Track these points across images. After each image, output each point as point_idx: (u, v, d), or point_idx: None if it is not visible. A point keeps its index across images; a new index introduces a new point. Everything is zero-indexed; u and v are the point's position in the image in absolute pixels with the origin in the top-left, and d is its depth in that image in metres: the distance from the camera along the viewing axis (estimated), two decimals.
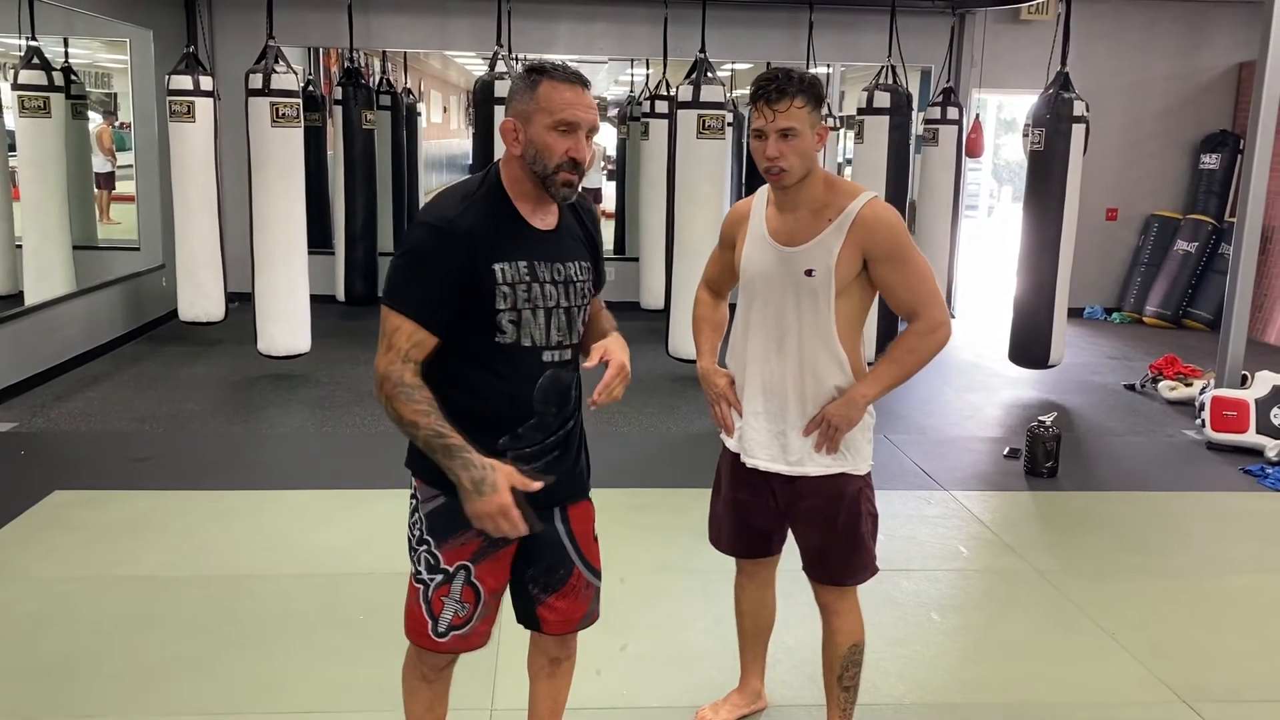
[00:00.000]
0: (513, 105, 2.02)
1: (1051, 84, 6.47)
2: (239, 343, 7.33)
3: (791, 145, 2.32)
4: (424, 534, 2.10)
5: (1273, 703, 3.06)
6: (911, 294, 2.39)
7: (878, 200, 2.42)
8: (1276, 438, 5.36)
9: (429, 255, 1.97)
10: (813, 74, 2.43)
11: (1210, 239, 9.16)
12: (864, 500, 2.50)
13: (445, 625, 2.12)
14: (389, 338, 1.97)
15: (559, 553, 2.19)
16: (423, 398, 1.93)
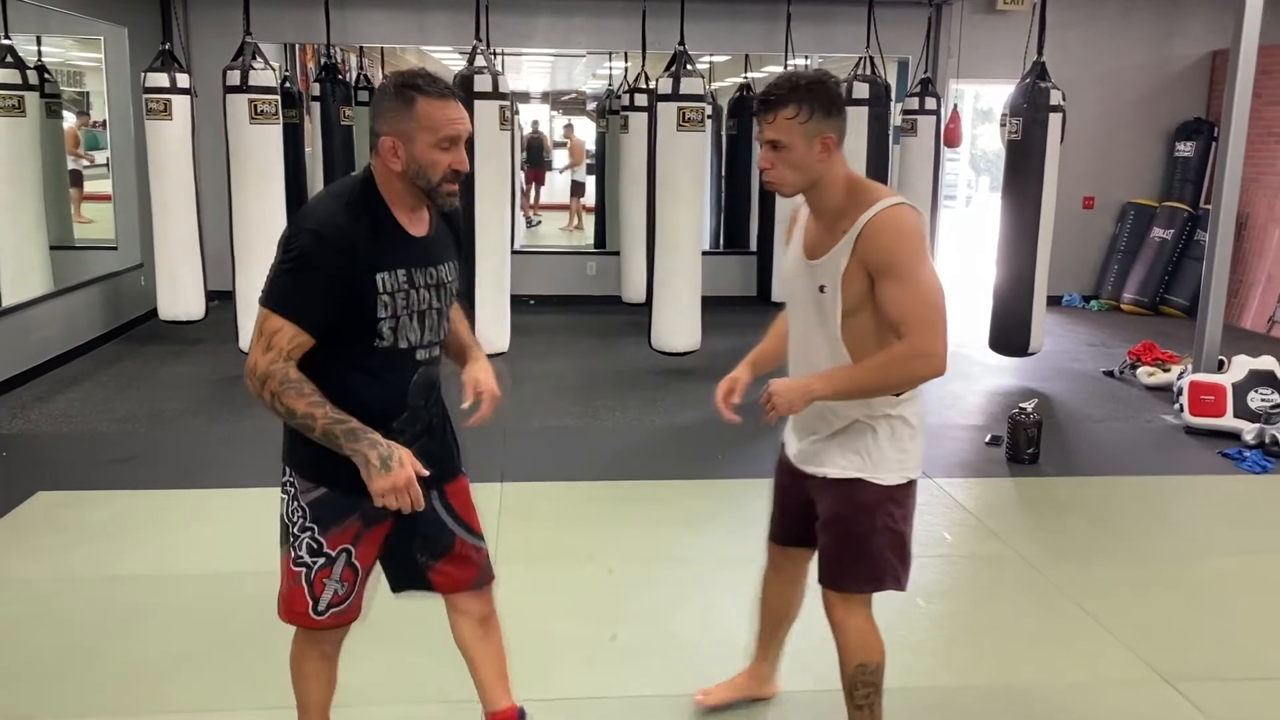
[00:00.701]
0: (387, 122, 2.06)
1: (1028, 74, 6.51)
2: (219, 341, 7.29)
3: (781, 156, 2.26)
4: (307, 521, 2.19)
5: (1252, 681, 3.10)
6: (899, 312, 2.21)
7: (893, 208, 2.24)
8: (1253, 421, 5.43)
9: (314, 262, 2.01)
10: (820, 80, 2.28)
11: (1186, 226, 9.25)
12: (881, 513, 2.36)
13: (325, 604, 2.23)
14: (268, 338, 2.00)
15: (439, 526, 2.31)
16: (311, 390, 1.99)
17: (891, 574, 2.41)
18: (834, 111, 2.26)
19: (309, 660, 2.35)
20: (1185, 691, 3.01)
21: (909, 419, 2.37)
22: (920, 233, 2.25)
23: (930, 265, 2.25)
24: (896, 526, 2.38)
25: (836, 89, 2.30)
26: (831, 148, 2.26)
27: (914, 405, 2.39)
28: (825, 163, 2.26)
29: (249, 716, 2.83)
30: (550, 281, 9.29)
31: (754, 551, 3.98)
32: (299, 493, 2.20)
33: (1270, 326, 8.43)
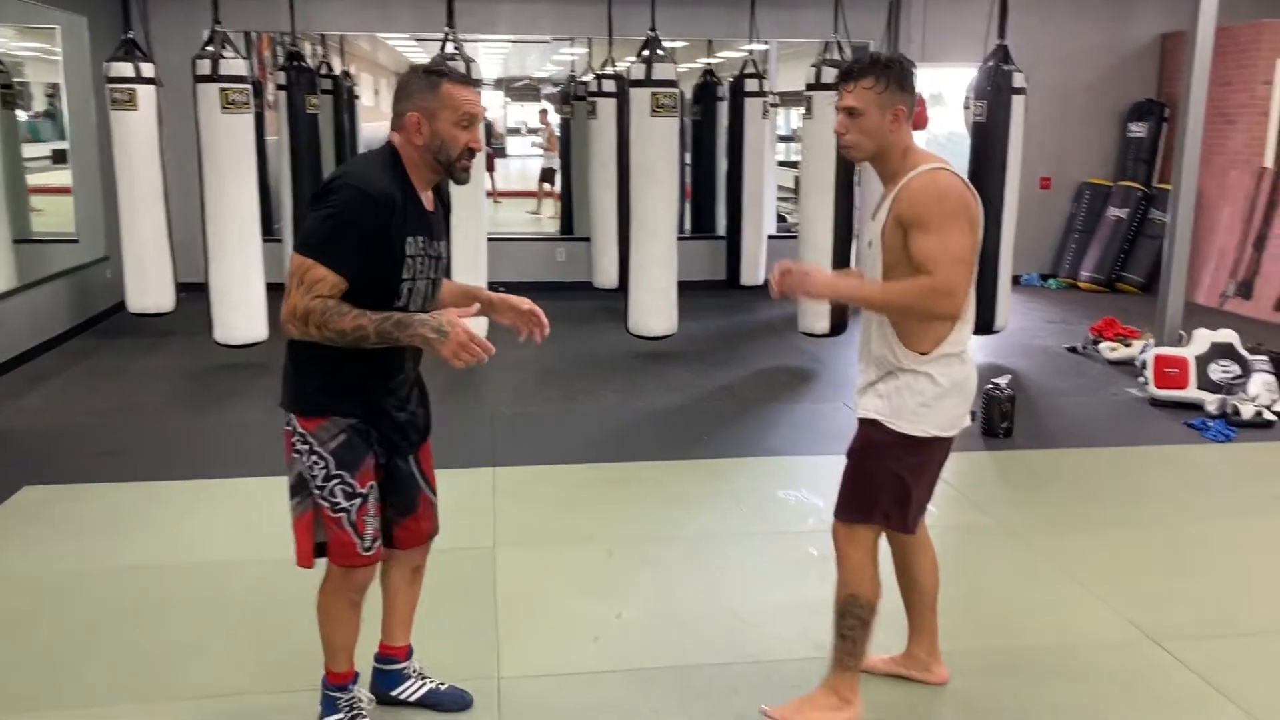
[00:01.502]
0: (414, 101, 2.29)
1: (991, 56, 6.64)
2: (190, 333, 7.24)
3: (856, 123, 2.49)
4: (333, 469, 2.36)
5: (1231, 637, 3.25)
6: (927, 256, 2.38)
7: (931, 171, 2.45)
8: (1215, 392, 5.62)
9: (357, 216, 2.20)
10: (898, 59, 2.52)
11: (1140, 205, 9.48)
12: (888, 455, 2.55)
13: (370, 540, 2.43)
14: (309, 285, 2.18)
15: (412, 484, 2.56)
16: (348, 308, 2.19)
17: (882, 511, 2.61)
18: (906, 87, 2.49)
19: (338, 607, 2.51)
20: (1170, 649, 3.15)
21: (936, 377, 2.51)
22: (954, 195, 2.44)
23: (962, 228, 2.41)
24: (900, 471, 2.57)
25: (911, 68, 2.53)
26: (901, 119, 2.49)
27: (944, 366, 2.52)
28: (895, 132, 2.49)
29: (264, 700, 2.86)
30: (519, 269, 9.30)
31: (749, 527, 4.11)
32: (319, 444, 2.35)
33: (1223, 301, 8.69)
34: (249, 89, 6.23)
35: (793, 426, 5.50)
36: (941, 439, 2.57)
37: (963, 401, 2.58)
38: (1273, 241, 8.42)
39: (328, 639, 2.56)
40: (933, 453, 2.58)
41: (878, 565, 2.66)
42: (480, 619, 3.29)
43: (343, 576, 2.47)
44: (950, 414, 2.56)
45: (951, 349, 2.52)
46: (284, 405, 2.42)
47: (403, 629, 2.72)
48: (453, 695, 2.78)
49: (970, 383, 2.60)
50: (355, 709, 2.60)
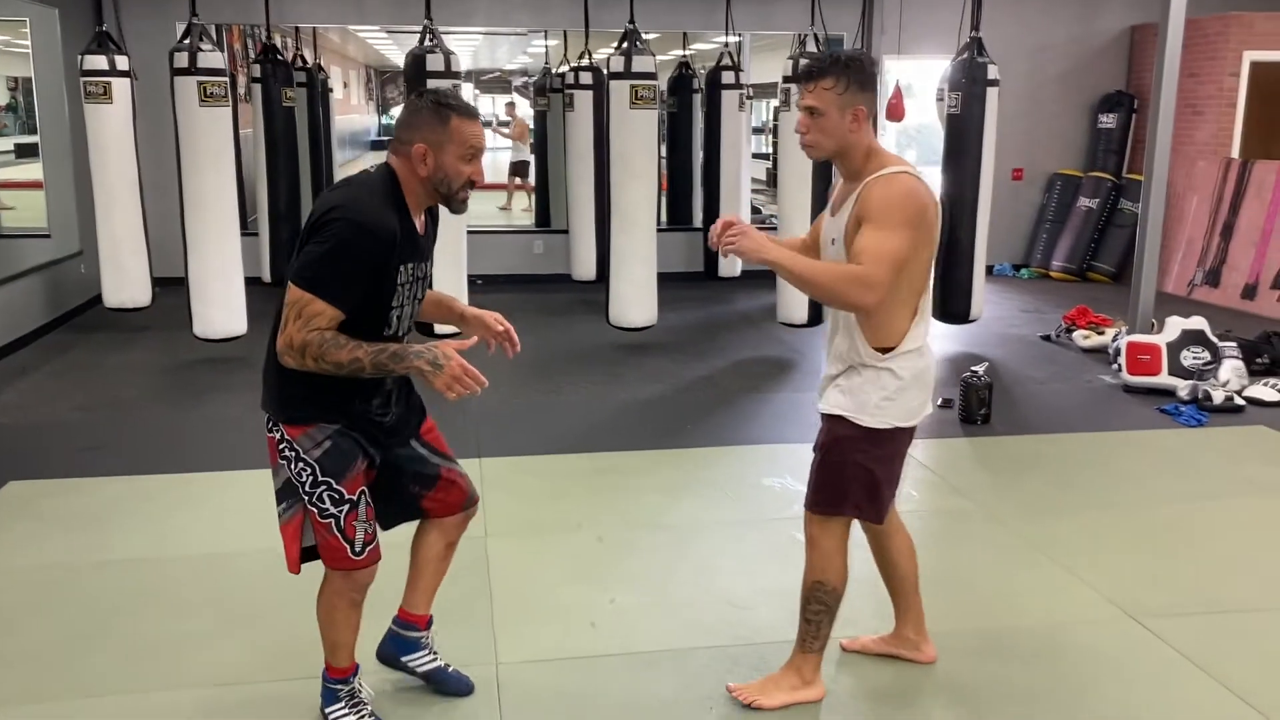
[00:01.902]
0: (421, 132, 2.31)
1: (965, 49, 6.73)
2: (167, 328, 7.22)
3: (817, 123, 2.52)
4: (320, 475, 2.38)
5: (1208, 614, 3.34)
6: (862, 246, 2.43)
7: (893, 174, 2.50)
8: (1187, 378, 5.74)
9: (354, 250, 2.22)
10: (858, 58, 2.53)
11: (1110, 195, 9.63)
12: (855, 449, 2.61)
13: (361, 544, 2.45)
14: (307, 319, 2.21)
15: (423, 462, 2.61)
16: (345, 339, 2.23)
17: (853, 503, 2.66)
18: (867, 87, 2.52)
19: (340, 608, 2.53)
20: (1150, 626, 3.23)
21: (897, 371, 2.58)
22: (914, 201, 2.48)
23: (906, 234, 2.45)
24: (867, 464, 2.63)
25: (872, 68, 2.56)
26: (862, 119, 2.52)
27: (906, 360, 2.59)
28: (856, 132, 2.52)
29: (266, 688, 2.88)
30: (497, 261, 9.31)
31: (736, 515, 4.16)
32: (304, 451, 2.38)
33: (1191, 290, 8.85)
34: (227, 82, 6.21)
35: (774, 415, 5.56)
36: (904, 429, 2.64)
37: (923, 392, 2.65)
38: (1239, 231, 8.58)
39: (329, 638, 2.58)
40: (898, 443, 2.66)
41: (847, 554, 2.73)
42: (476, 607, 3.33)
43: (343, 579, 2.49)
44: (912, 405, 2.63)
45: (912, 344, 2.60)
46: (267, 410, 2.43)
47: (426, 599, 2.76)
48: (457, 679, 2.82)
49: (929, 374, 2.67)
50: (356, 698, 2.63)
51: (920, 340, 2.62)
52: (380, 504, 2.54)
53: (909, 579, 2.99)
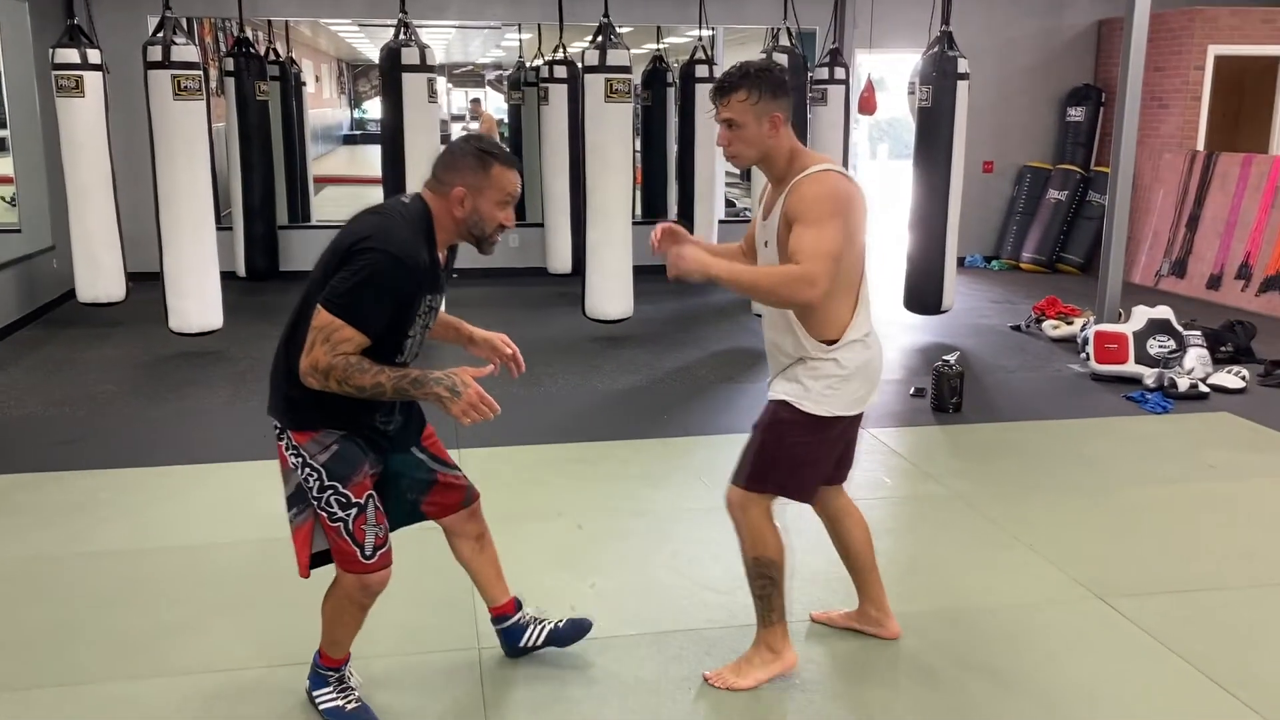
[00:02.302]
0: (462, 175, 2.40)
1: (936, 42, 6.81)
2: (142, 322, 7.21)
3: (736, 134, 2.63)
4: (326, 480, 2.44)
5: (1171, 593, 3.44)
6: (799, 246, 2.50)
7: (819, 172, 2.59)
8: (1153, 366, 5.86)
9: (387, 282, 2.29)
10: (767, 68, 2.63)
11: (1079, 187, 9.76)
12: (789, 432, 2.71)
13: (371, 548, 2.49)
14: (335, 344, 2.27)
15: (421, 468, 2.69)
16: (368, 364, 2.29)
17: (776, 482, 2.76)
18: (780, 94, 2.63)
19: (348, 610, 2.58)
20: (1116, 605, 3.32)
21: (841, 362, 2.68)
22: (840, 194, 2.58)
23: (838, 225, 2.54)
24: (797, 449, 2.73)
25: (781, 75, 2.66)
26: (779, 125, 2.63)
27: (848, 352, 2.69)
28: (775, 138, 2.63)
29: (255, 674, 2.92)
30: (472, 255, 9.28)
31: (713, 502, 4.20)
32: (311, 456, 2.43)
33: (1158, 280, 8.99)
34: (201, 76, 6.20)
35: (749, 405, 5.61)
36: (845, 418, 2.74)
37: (866, 383, 2.73)
38: (1205, 222, 8.73)
39: (331, 634, 2.63)
40: (835, 430, 2.75)
41: (774, 525, 2.81)
42: (457, 594, 3.36)
43: (357, 584, 2.52)
44: (854, 395, 2.72)
45: (855, 335, 2.69)
46: (273, 416, 2.49)
47: (498, 589, 2.86)
48: (572, 626, 2.93)
49: (873, 365, 2.75)
50: (345, 684, 2.67)
51: (864, 330, 2.71)
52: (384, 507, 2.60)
53: (863, 558, 3.08)
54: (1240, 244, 8.35)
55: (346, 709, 2.64)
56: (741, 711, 2.76)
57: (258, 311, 7.81)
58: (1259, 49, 9.03)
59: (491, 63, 25.09)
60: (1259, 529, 3.98)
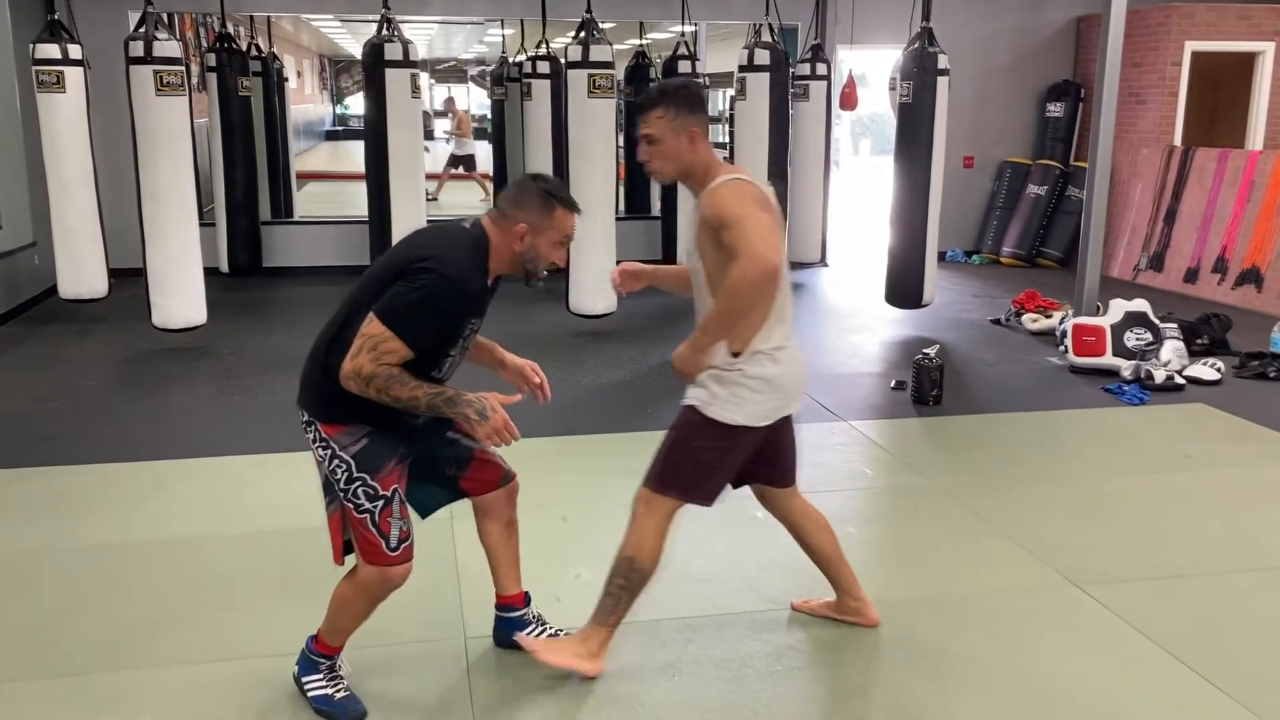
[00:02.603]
0: (527, 213, 2.50)
1: (916, 38, 6.86)
2: (124, 318, 7.20)
3: (656, 150, 2.70)
4: (355, 471, 2.49)
5: (1145, 581, 3.50)
6: (731, 243, 2.54)
7: (725, 182, 2.64)
8: (1130, 359, 5.93)
9: (441, 303, 2.40)
10: (684, 85, 2.72)
11: (1058, 182, 9.85)
12: (696, 435, 2.74)
13: (395, 540, 2.55)
14: (381, 353, 2.36)
15: (457, 445, 2.75)
16: (408, 377, 2.38)
17: (679, 486, 2.78)
18: (696, 109, 2.69)
19: (361, 601, 2.62)
20: (1092, 593, 3.38)
21: (747, 373, 2.71)
22: (745, 192, 2.64)
23: (755, 210, 2.57)
24: (704, 455, 2.76)
25: (698, 91, 2.73)
26: (698, 139, 2.69)
27: (755, 365, 2.72)
28: (693, 152, 2.69)
29: (244, 666, 2.94)
30: None
31: None
32: (341, 448, 2.49)
33: (1136, 274, 9.09)
34: (183, 71, 6.19)
35: None
36: (750, 429, 2.75)
37: (776, 396, 2.74)
38: (1182, 216, 8.82)
39: (335, 621, 2.65)
40: (740, 439, 2.76)
41: (664, 538, 2.80)
42: (443, 586, 3.41)
43: (378, 577, 2.56)
44: (761, 408, 2.73)
45: (761, 346, 2.71)
46: (304, 408, 2.55)
47: (512, 579, 2.92)
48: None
49: (786, 380, 2.75)
50: (335, 672, 2.70)
51: (773, 343, 2.73)
52: (419, 490, 2.68)
53: (828, 553, 3.10)
54: (1217, 238, 8.45)
55: (335, 697, 2.67)
56: (723, 696, 2.80)
57: (241, 307, 7.81)
58: (1235, 45, 9.13)
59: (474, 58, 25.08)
60: (1233, 518, 4.05)
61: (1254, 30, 9.09)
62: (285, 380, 5.91)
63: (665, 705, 2.79)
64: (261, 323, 7.40)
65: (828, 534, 3.10)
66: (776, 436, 2.87)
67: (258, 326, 7.25)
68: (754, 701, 2.78)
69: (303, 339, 2.81)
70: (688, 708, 2.77)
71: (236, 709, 2.73)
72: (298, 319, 7.54)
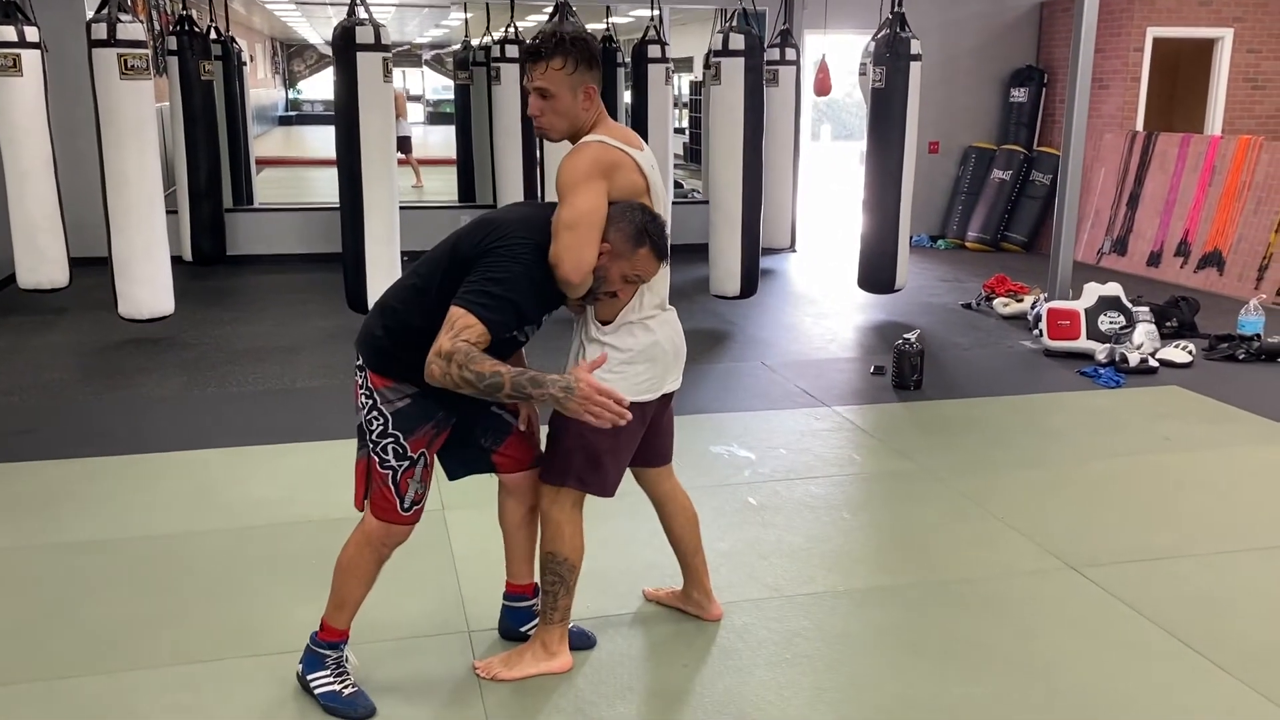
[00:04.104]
0: (615, 235, 2.45)
1: (888, 23, 6.87)
2: (88, 309, 7.04)
3: (550, 104, 2.52)
4: (389, 428, 2.50)
5: (1139, 562, 3.54)
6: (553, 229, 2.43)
7: (581, 144, 2.52)
8: (1104, 342, 6.01)
9: (526, 289, 2.37)
10: (583, 37, 2.52)
11: (1022, 167, 9.94)
12: (576, 422, 2.51)
13: (409, 502, 2.57)
14: (458, 331, 2.31)
15: (498, 419, 2.71)
16: (488, 358, 2.31)
17: (576, 476, 2.68)
18: (594, 64, 2.54)
19: (365, 563, 2.60)
20: (1089, 575, 3.42)
21: (619, 347, 2.62)
22: (586, 160, 2.47)
23: (584, 194, 2.43)
24: (589, 438, 2.61)
25: (597, 45, 2.56)
26: (593, 97, 2.55)
27: (625, 335, 2.62)
28: (588, 110, 2.55)
29: (240, 664, 2.87)
30: (423, 238, 9.18)
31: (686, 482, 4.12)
32: (383, 401, 2.50)
33: (1100, 258, 9.21)
34: (149, 54, 6.03)
35: (713, 385, 5.66)
36: (634, 404, 2.57)
37: (652, 366, 2.65)
38: (1145, 201, 8.95)
39: (341, 592, 2.62)
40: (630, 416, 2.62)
41: (578, 526, 2.74)
42: (443, 578, 3.36)
43: (383, 530, 2.58)
44: (639, 379, 2.64)
45: (633, 316, 2.62)
46: (360, 351, 2.53)
47: (526, 567, 2.89)
48: (577, 633, 2.92)
49: (659, 349, 2.65)
50: (342, 667, 2.65)
51: (645, 313, 2.63)
52: (452, 455, 2.70)
53: (685, 544, 3.05)
54: (1179, 222, 8.58)
55: (343, 694, 2.62)
56: (734, 687, 2.79)
57: (208, 296, 7.66)
58: (1196, 31, 9.26)
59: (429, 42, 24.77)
60: (1217, 498, 4.11)
61: (1214, 16, 9.23)
62: (257, 371, 5.80)
63: (676, 695, 2.77)
64: (229, 312, 7.26)
65: (690, 522, 3.04)
66: (655, 415, 2.80)
67: (225, 316, 7.12)
68: (764, 691, 2.77)
69: (271, 327, 2.76)
70: (699, 698, 2.75)
71: (241, 709, 2.67)
72: (266, 307, 7.41)
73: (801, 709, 2.69)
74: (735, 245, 6.85)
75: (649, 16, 8.77)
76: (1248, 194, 8.11)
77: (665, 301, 2.74)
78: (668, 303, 2.76)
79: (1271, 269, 7.77)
